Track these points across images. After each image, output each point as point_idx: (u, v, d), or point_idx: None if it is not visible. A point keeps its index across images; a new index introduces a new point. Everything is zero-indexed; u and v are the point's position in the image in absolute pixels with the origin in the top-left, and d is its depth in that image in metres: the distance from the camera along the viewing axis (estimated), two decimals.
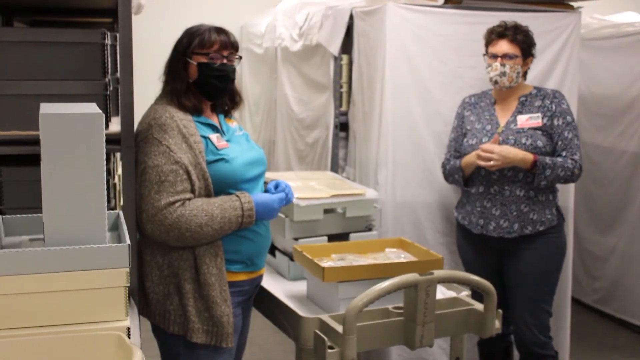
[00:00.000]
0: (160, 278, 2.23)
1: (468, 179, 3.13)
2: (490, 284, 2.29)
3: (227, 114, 2.45)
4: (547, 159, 2.95)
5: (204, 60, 2.28)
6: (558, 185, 3.18)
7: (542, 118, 3.03)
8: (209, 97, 2.33)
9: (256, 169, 2.34)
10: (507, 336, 3.31)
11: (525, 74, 3.13)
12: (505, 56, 3.02)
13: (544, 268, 3.08)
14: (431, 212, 3.48)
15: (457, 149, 3.21)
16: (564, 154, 3.00)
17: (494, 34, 3.07)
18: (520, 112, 3.08)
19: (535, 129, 3.02)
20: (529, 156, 2.93)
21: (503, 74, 3.02)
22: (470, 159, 3.05)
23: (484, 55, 3.12)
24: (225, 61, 2.31)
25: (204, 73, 2.28)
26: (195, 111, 2.29)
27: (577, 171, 3.00)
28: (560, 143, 3.01)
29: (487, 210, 3.05)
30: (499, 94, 3.15)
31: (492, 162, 2.91)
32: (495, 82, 3.06)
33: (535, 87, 3.15)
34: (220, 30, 2.32)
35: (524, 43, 3.04)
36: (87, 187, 1.72)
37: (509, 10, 3.39)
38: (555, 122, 3.02)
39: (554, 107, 3.04)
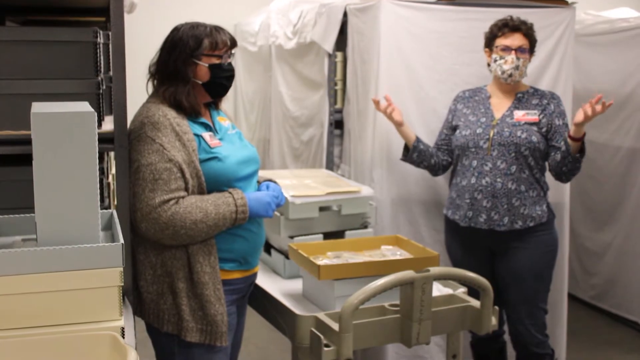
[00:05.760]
0: (153, 277, 2.22)
1: (447, 166, 3.22)
2: (487, 281, 2.29)
3: (217, 106, 2.43)
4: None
5: (216, 61, 2.27)
6: (552, 182, 3.18)
7: (539, 115, 3.02)
8: (215, 95, 2.33)
9: (249, 167, 2.33)
10: (500, 337, 3.30)
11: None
12: (519, 49, 2.99)
13: (537, 266, 3.06)
14: (427, 210, 3.47)
15: (438, 141, 3.24)
16: None
17: (508, 27, 3.02)
18: (517, 108, 3.06)
19: (531, 124, 3.01)
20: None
21: (517, 67, 2.99)
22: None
23: (488, 49, 3.08)
24: (229, 60, 2.31)
25: (217, 74, 2.27)
26: (194, 112, 2.27)
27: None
28: (563, 143, 2.98)
29: (478, 202, 3.02)
30: (497, 88, 3.13)
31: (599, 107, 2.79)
32: (510, 75, 3.00)
33: (531, 87, 3.14)
34: (221, 29, 2.30)
35: (533, 39, 3.05)
36: (80, 186, 1.71)
37: (503, 7, 3.38)
38: (557, 122, 3.03)
39: (553, 107, 3.04)
